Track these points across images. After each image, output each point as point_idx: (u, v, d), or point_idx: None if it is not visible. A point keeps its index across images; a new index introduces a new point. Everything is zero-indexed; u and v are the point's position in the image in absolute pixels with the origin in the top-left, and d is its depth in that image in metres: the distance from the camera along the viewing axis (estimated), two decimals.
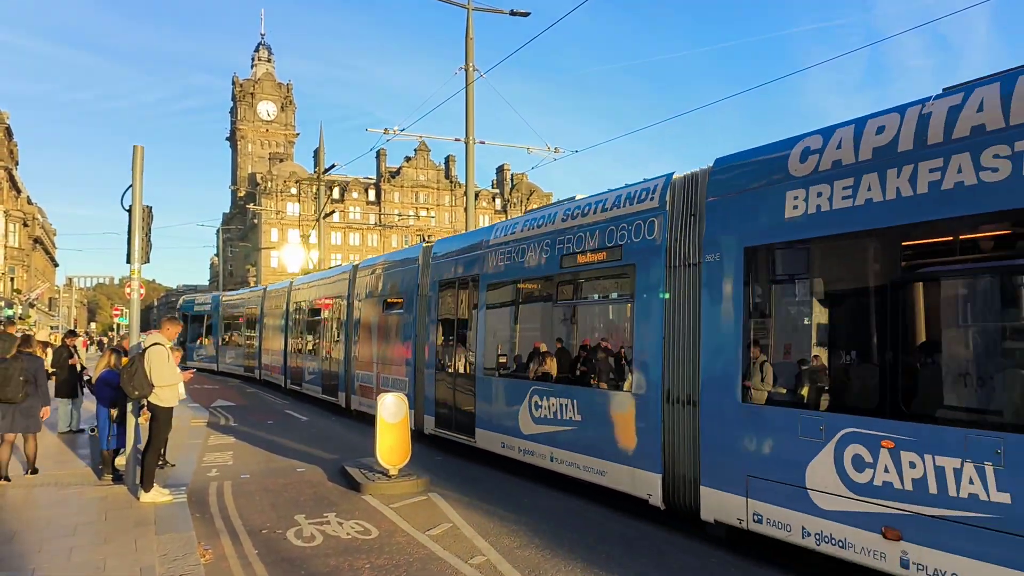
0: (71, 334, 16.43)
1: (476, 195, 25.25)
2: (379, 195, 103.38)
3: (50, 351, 14.80)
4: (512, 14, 19.41)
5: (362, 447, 12.54)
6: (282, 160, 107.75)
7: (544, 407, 10.03)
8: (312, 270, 31.76)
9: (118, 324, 51.36)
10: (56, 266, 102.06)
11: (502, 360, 11.69)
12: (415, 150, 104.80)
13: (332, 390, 19.83)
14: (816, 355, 6.62)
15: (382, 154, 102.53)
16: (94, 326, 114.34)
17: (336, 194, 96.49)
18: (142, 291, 10.32)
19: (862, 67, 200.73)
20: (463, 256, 12.93)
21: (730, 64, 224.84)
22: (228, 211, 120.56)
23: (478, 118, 19.59)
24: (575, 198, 10.42)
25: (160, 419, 8.82)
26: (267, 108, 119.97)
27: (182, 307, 41.17)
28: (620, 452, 8.54)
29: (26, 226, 70.69)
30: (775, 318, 7.20)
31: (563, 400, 9.65)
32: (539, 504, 9.07)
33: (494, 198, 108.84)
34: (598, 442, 8.95)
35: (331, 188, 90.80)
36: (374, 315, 17.16)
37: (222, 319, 36.12)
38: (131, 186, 9.65)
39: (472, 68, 19.27)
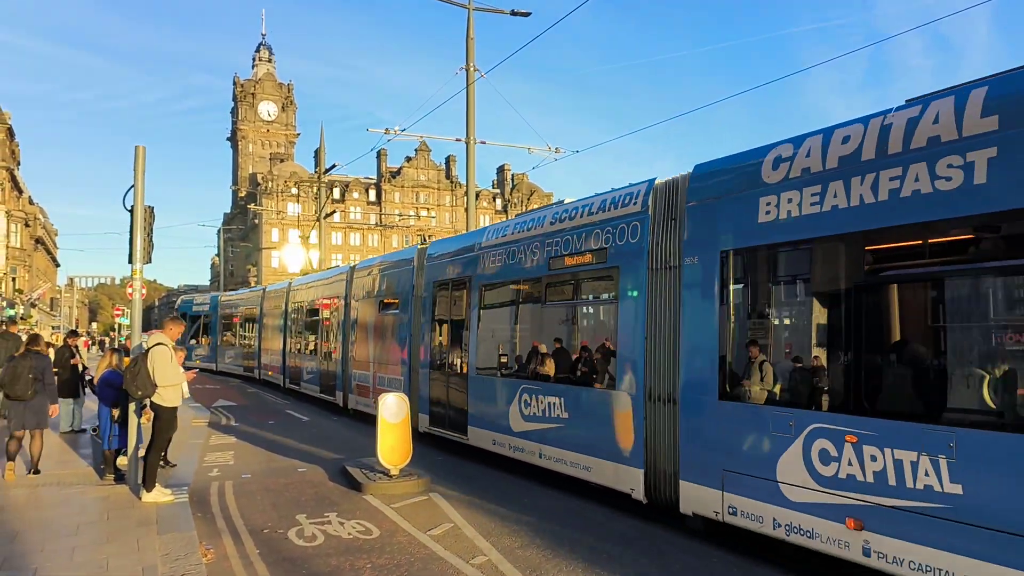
0: (73, 334, 16.48)
1: (477, 195, 25.25)
2: (380, 195, 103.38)
3: (52, 351, 14.81)
4: (513, 14, 19.44)
5: (363, 447, 12.55)
6: (283, 160, 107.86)
7: (533, 405, 10.25)
8: (314, 270, 31.80)
9: (119, 324, 51.34)
10: (57, 266, 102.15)
11: (493, 359, 11.93)
12: (416, 150, 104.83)
13: (330, 389, 19.96)
14: (787, 354, 6.87)
15: (383, 154, 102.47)
16: (95, 326, 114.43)
17: (337, 194, 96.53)
18: (143, 291, 10.34)
19: (863, 67, 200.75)
20: (457, 258, 13.14)
21: (731, 64, 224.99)
22: (229, 211, 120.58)
23: (479, 118, 19.61)
24: (564, 202, 10.62)
25: (163, 419, 8.84)
26: (268, 108, 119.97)
27: (180, 307, 40.98)
28: (605, 448, 8.76)
29: (28, 226, 70.74)
30: (749, 319, 7.45)
31: (551, 398, 9.87)
32: (540, 504, 9.09)
33: (495, 198, 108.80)
34: (584, 439, 9.18)
35: (332, 188, 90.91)
36: (371, 315, 17.30)
37: (221, 319, 36.15)
38: (133, 186, 9.69)
39: (473, 68, 19.28)
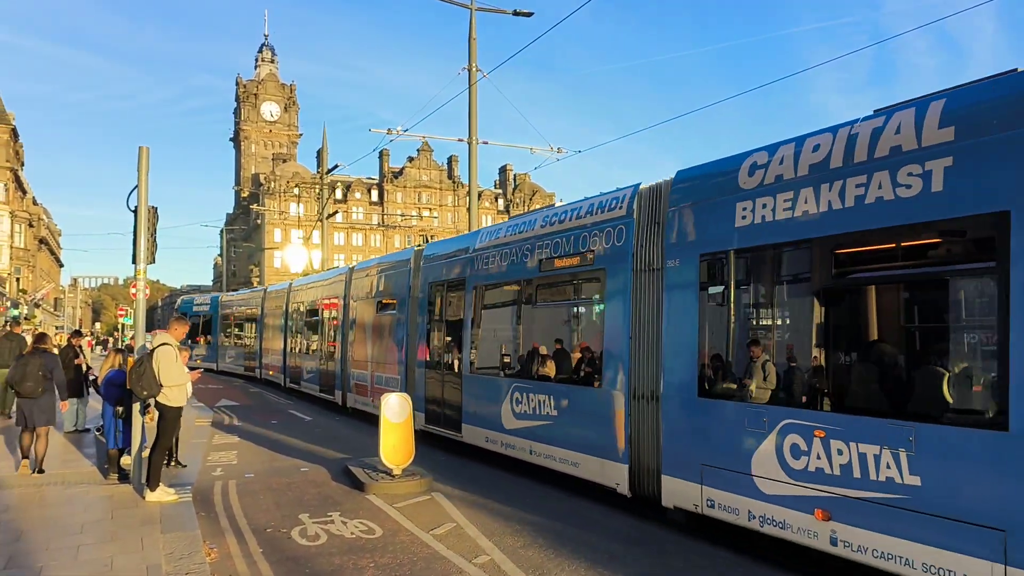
0: (77, 334, 16.52)
1: (479, 195, 25.27)
2: (382, 195, 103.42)
3: (56, 351, 14.85)
4: (515, 14, 19.45)
5: (366, 447, 12.59)
6: (285, 160, 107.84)
7: (524, 403, 10.55)
8: (315, 270, 31.90)
9: (123, 324, 51.40)
10: (61, 266, 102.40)
11: (486, 358, 12.19)
12: (418, 150, 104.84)
13: (329, 388, 20.34)
14: (762, 353, 7.12)
15: (385, 154, 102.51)
16: (99, 326, 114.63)
17: (339, 194, 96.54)
18: (147, 291, 10.37)
19: (868, 66, 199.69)
20: (452, 259, 13.43)
21: (734, 64, 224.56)
22: (232, 211, 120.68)
23: (481, 118, 19.63)
24: (554, 205, 10.92)
25: (168, 418, 8.88)
26: (270, 109, 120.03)
27: (181, 307, 40.87)
28: (591, 445, 9.08)
29: (31, 227, 70.89)
30: (726, 320, 7.71)
31: (541, 396, 10.18)
32: (542, 503, 9.12)
33: (497, 198, 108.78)
34: (572, 436, 9.50)
35: (334, 188, 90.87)
36: (369, 316, 17.62)
37: (222, 319, 36.24)
38: (136, 186, 9.72)
39: (475, 68, 19.28)
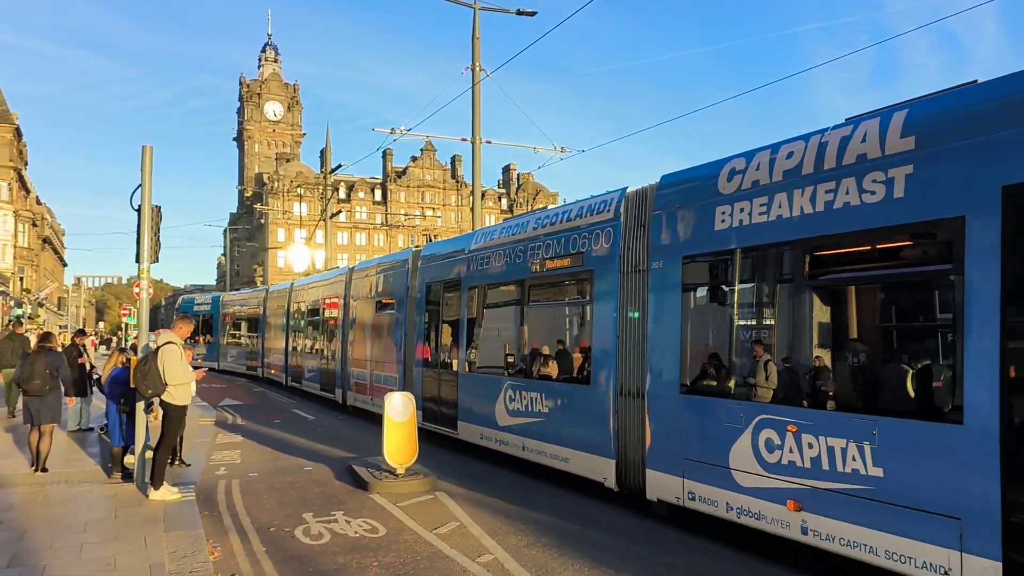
0: (80, 333, 16.57)
1: (482, 195, 25.30)
2: (385, 195, 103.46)
3: (60, 350, 14.89)
4: (519, 14, 19.45)
5: (369, 446, 12.59)
6: (289, 160, 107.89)
7: (517, 401, 10.83)
8: (320, 270, 31.97)
9: (126, 324, 51.43)
10: (65, 266, 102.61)
11: (481, 357, 12.42)
12: (421, 150, 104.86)
13: (330, 387, 20.62)
14: (739, 352, 7.46)
15: (388, 154, 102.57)
16: (102, 325, 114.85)
17: (342, 194, 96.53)
18: (150, 291, 10.37)
19: (870, 66, 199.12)
20: (448, 260, 13.68)
21: (736, 64, 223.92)
22: (235, 211, 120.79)
23: (484, 118, 19.64)
24: (546, 208, 11.19)
25: (172, 417, 8.89)
26: (274, 108, 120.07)
27: (182, 307, 40.68)
28: (580, 440, 9.39)
29: (35, 226, 71.09)
30: (707, 319, 8.09)
31: (532, 394, 10.48)
32: (546, 502, 9.11)
33: (500, 198, 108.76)
34: (562, 432, 9.79)
35: (337, 188, 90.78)
36: (368, 315, 17.88)
37: (223, 319, 36.32)
38: (140, 186, 9.71)
39: (478, 68, 19.28)
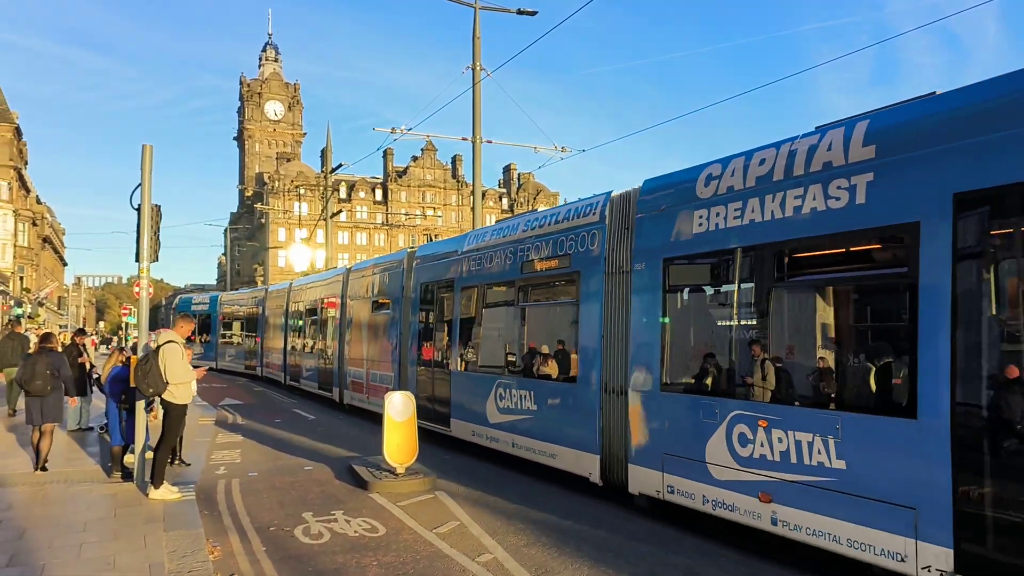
0: (80, 333, 16.56)
1: (483, 194, 25.29)
2: (386, 194, 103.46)
3: (60, 349, 14.89)
4: (519, 13, 19.44)
5: (369, 445, 12.58)
6: (289, 160, 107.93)
7: (507, 398, 11.09)
8: (320, 270, 32.01)
9: (126, 323, 51.40)
10: (65, 265, 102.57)
11: (473, 356, 12.59)
12: (422, 149, 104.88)
13: (327, 386, 20.86)
14: (716, 350, 7.75)
15: (389, 153, 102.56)
16: (103, 325, 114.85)
17: (343, 193, 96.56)
18: (150, 290, 10.35)
19: (871, 65, 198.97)
20: (441, 261, 13.88)
21: (737, 63, 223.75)
22: (236, 210, 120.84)
23: (485, 117, 19.64)
24: (536, 211, 11.41)
25: (173, 416, 8.88)
26: (274, 108, 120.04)
27: (179, 306, 40.55)
28: (567, 437, 9.66)
29: (35, 225, 71.09)
30: (686, 319, 8.37)
31: (522, 392, 10.75)
32: (546, 502, 9.09)
33: (501, 197, 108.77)
34: (549, 428, 10.06)
35: (338, 187, 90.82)
36: (364, 315, 18.09)
37: (222, 318, 36.35)
38: (140, 185, 9.69)
39: (479, 67, 19.26)
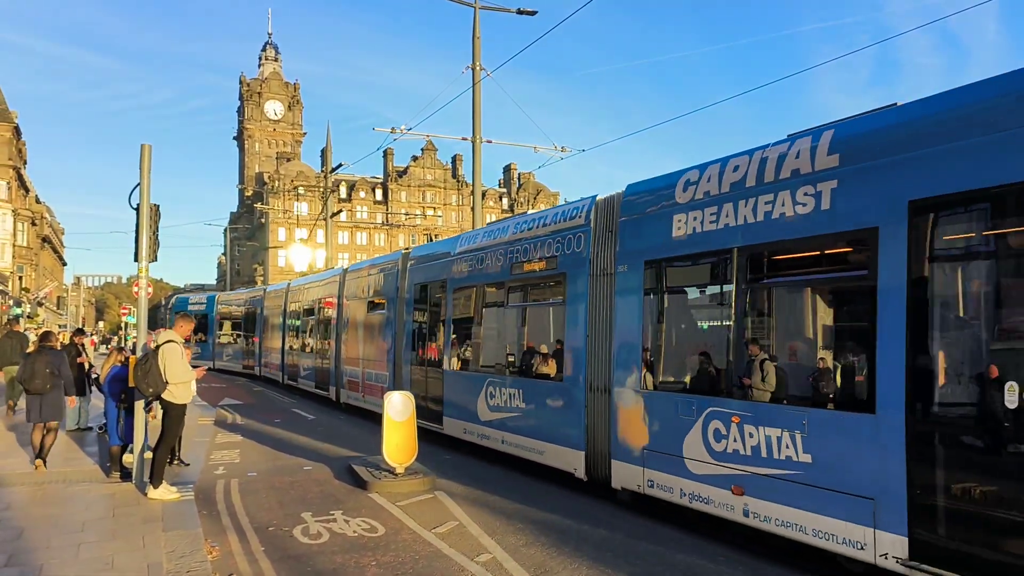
0: (79, 332, 16.53)
1: (483, 194, 25.34)
2: (386, 194, 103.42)
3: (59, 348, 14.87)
4: (519, 13, 19.42)
5: (369, 445, 12.57)
6: (289, 159, 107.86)
7: (496, 397, 11.36)
8: (319, 269, 32.05)
9: (125, 323, 51.42)
10: (64, 265, 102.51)
11: (465, 355, 12.82)
12: (422, 149, 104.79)
13: (324, 385, 21.13)
14: (693, 349, 8.07)
15: (389, 153, 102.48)
16: (102, 325, 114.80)
17: (343, 193, 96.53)
18: (150, 290, 10.34)
19: (870, 65, 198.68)
20: (435, 262, 14.20)
21: (737, 63, 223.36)
22: (235, 210, 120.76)
23: (485, 117, 19.64)
24: (525, 213, 11.70)
25: (172, 416, 8.86)
26: (274, 107, 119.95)
27: (175, 306, 40.27)
28: (553, 434, 9.94)
29: (34, 225, 71.05)
30: (665, 320, 8.63)
31: (511, 390, 11.03)
32: (545, 501, 9.08)
33: (501, 197, 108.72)
34: (537, 426, 10.33)
35: (338, 187, 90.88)
36: (361, 315, 18.34)
37: (220, 318, 36.30)
38: (139, 184, 9.68)
39: (479, 67, 19.24)
